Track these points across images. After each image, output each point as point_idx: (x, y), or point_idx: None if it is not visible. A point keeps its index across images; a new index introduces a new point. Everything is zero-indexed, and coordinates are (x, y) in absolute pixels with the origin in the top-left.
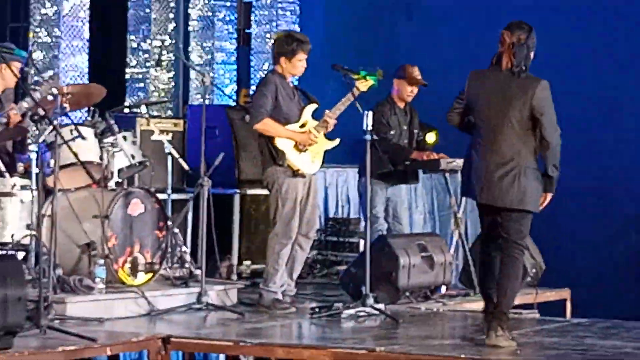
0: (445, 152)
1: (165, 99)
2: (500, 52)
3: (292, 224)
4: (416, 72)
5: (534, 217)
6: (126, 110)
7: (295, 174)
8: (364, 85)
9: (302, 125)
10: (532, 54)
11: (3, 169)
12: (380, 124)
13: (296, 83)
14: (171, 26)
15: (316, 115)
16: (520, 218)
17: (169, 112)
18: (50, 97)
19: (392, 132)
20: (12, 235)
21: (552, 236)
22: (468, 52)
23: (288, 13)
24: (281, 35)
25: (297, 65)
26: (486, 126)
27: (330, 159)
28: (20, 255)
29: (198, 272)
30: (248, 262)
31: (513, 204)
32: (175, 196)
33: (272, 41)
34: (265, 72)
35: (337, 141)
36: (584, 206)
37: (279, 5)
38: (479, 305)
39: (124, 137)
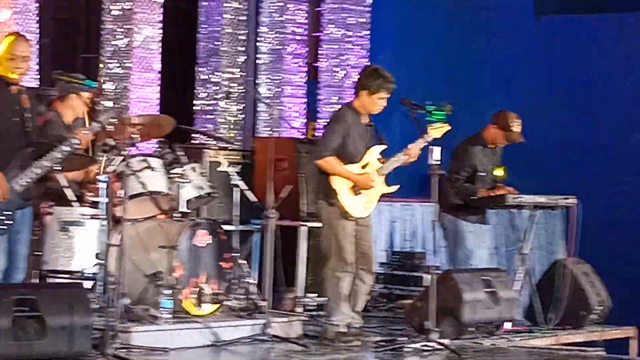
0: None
1: (232, 136)
2: None
3: (346, 256)
4: (517, 127)
5: (601, 254)
6: (195, 142)
7: (344, 216)
8: (437, 131)
9: (364, 166)
10: None
11: (73, 198)
12: (461, 163)
13: None
14: (241, 59)
15: (384, 154)
16: None
17: (238, 144)
18: (110, 127)
19: (480, 174)
20: (82, 265)
21: (620, 272)
22: (531, 82)
23: (358, 47)
24: (368, 69)
25: (376, 103)
26: None
27: (396, 192)
28: (89, 284)
29: (263, 303)
30: (313, 295)
31: None
32: (241, 227)
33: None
34: (338, 105)
35: (395, 187)
36: None
37: (348, 39)
38: (543, 341)
39: (193, 169)
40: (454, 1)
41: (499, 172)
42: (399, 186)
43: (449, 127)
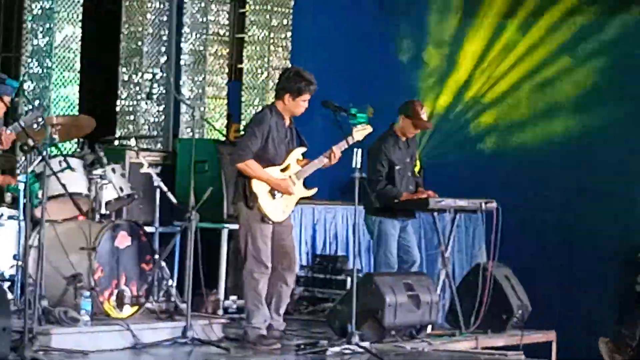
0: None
1: (155, 134)
2: None
3: (263, 257)
4: (424, 114)
5: (522, 259)
6: (116, 143)
7: (263, 219)
8: (360, 134)
9: (284, 169)
10: None
11: None
12: (377, 162)
13: None
14: (163, 59)
15: (305, 157)
16: None
17: (159, 146)
18: (35, 127)
19: (397, 167)
20: None
21: (539, 276)
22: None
23: (280, 49)
24: (289, 71)
25: (300, 105)
26: None
27: (319, 195)
28: (6, 285)
29: (184, 306)
30: (234, 297)
31: None
32: (162, 229)
33: (279, 76)
34: (260, 107)
35: (314, 190)
36: (570, 247)
37: (271, 40)
38: (464, 345)
39: (113, 170)
40: (377, 4)
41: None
42: (317, 189)
43: (371, 130)
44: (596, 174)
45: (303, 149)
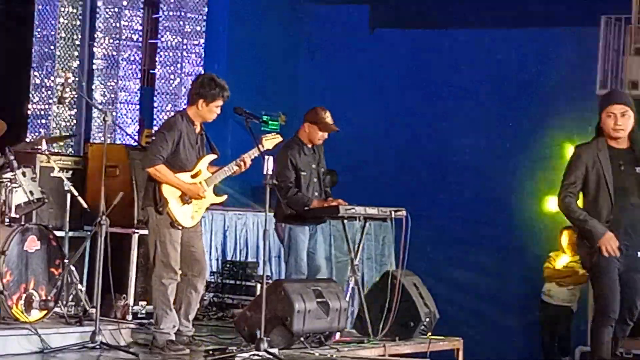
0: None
1: (69, 135)
2: None
3: (172, 263)
4: (328, 118)
5: (430, 267)
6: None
7: (172, 224)
8: (270, 142)
9: (195, 175)
10: None
11: None
12: (284, 168)
13: None
14: (75, 64)
15: (215, 163)
16: None
17: (70, 150)
18: None
19: (303, 173)
20: None
21: (446, 284)
22: (367, 93)
23: (193, 55)
24: (203, 77)
25: (213, 111)
26: None
27: (229, 202)
28: None
29: (93, 310)
30: (143, 303)
31: None
32: (72, 234)
33: (192, 82)
34: (171, 113)
35: (223, 197)
36: (476, 256)
37: (184, 47)
38: (372, 352)
39: (23, 173)
40: (288, 13)
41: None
42: (226, 196)
43: (281, 139)
44: (500, 185)
45: (214, 156)
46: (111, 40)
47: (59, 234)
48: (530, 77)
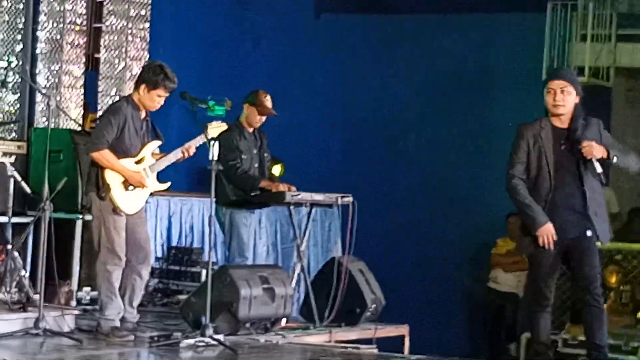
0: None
1: (13, 120)
2: None
3: (116, 249)
4: (268, 102)
5: (377, 253)
6: None
7: (115, 210)
8: (215, 130)
9: (139, 162)
10: None
11: None
12: (229, 150)
13: None
14: (18, 47)
15: (160, 150)
16: None
17: (13, 135)
18: None
19: (243, 157)
20: None
21: (393, 271)
22: (313, 79)
23: (138, 40)
24: (152, 63)
25: (154, 99)
26: None
27: (174, 187)
28: None
29: (36, 297)
30: (88, 289)
31: None
32: (16, 219)
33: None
34: (117, 98)
35: (167, 184)
36: (422, 243)
37: (129, 31)
38: (317, 338)
39: None
40: None
41: (277, 168)
42: (170, 183)
43: (226, 127)
44: (445, 172)
45: (158, 142)
46: (55, 24)
47: (1, 219)
48: (475, 64)
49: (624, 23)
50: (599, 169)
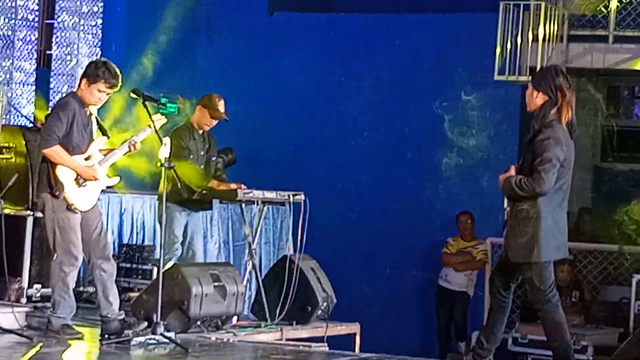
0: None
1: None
2: None
3: (73, 250)
4: (221, 106)
5: (328, 251)
6: None
7: (69, 208)
8: (157, 123)
9: (87, 158)
10: None
11: None
12: (179, 149)
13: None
14: None
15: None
16: None
17: None
18: None
19: (191, 157)
20: None
21: (344, 269)
22: (266, 77)
23: (90, 36)
24: (98, 59)
25: (93, 94)
26: None
27: (126, 184)
28: None
29: None
30: (38, 286)
31: None
32: None
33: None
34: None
35: (116, 179)
36: (374, 241)
37: (81, 28)
38: (269, 336)
39: None
40: None
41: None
42: (119, 178)
43: (166, 120)
44: (398, 170)
45: (105, 139)
46: (7, 20)
47: None
48: (428, 63)
49: (575, 23)
50: None
